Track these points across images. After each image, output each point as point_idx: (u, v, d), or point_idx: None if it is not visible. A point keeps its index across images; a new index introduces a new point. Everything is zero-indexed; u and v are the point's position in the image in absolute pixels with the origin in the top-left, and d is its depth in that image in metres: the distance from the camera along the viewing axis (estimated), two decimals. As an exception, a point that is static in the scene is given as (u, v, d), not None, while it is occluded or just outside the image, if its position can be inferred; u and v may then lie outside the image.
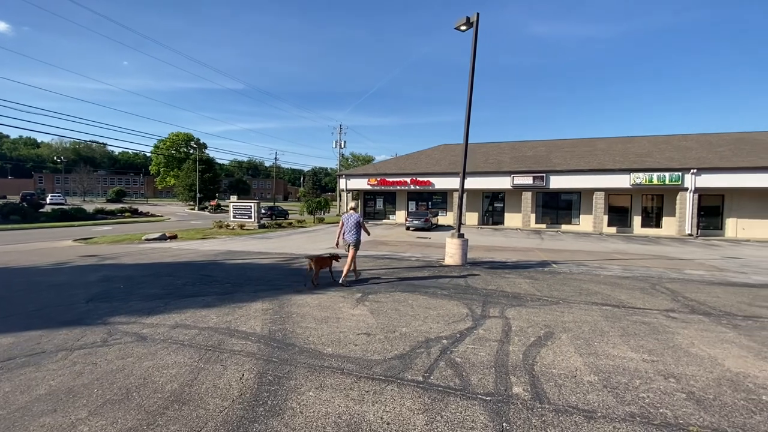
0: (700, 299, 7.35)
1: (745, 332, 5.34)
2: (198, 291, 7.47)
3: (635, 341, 4.86)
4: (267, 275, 9.32)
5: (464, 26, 11.79)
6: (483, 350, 4.46)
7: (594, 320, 5.78)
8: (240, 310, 6.10)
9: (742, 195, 25.82)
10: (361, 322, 5.51)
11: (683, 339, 4.99)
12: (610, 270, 10.96)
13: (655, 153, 29.05)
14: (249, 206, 27.38)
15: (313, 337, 4.86)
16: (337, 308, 6.24)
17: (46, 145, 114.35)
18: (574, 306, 6.65)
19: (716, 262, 13.72)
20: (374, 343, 4.67)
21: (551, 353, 4.42)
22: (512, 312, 6.16)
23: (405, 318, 5.72)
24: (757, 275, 10.67)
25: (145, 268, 10.40)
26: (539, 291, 7.80)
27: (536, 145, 35.27)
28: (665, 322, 5.77)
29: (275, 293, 7.29)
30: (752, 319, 6.01)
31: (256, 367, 3.92)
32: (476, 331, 5.18)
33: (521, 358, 4.25)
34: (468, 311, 6.15)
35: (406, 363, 4.06)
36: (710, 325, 5.63)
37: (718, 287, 8.65)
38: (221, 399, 3.27)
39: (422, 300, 6.85)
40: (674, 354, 4.46)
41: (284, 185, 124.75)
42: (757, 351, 4.61)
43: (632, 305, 6.78)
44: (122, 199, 62.66)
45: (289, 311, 6.04)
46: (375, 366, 3.99)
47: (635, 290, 8.08)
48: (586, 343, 4.78)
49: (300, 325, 5.34)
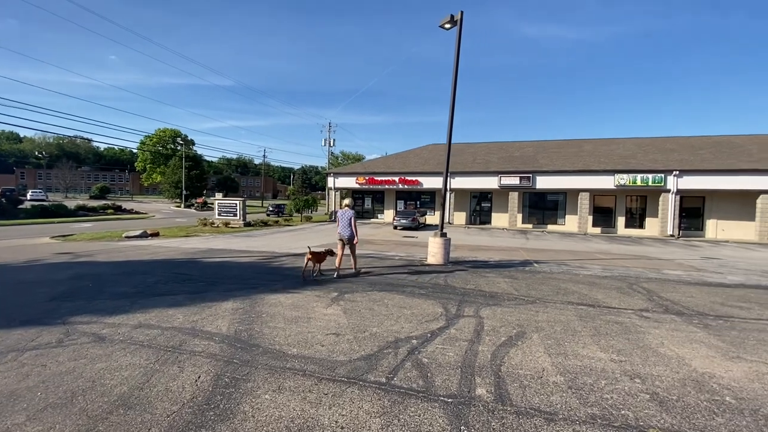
0: (674, 299, 7.39)
1: (715, 332, 5.36)
2: (169, 290, 7.27)
3: (606, 341, 4.84)
4: (244, 274, 9.14)
5: (448, 24, 11.74)
6: (452, 350, 4.38)
7: (567, 320, 5.75)
8: (209, 309, 5.93)
9: (721, 197, 26.32)
10: (332, 322, 5.39)
11: (653, 339, 4.98)
12: (591, 270, 11.02)
13: (639, 155, 29.46)
14: (234, 204, 27.05)
15: (279, 337, 4.73)
16: (310, 308, 6.11)
17: (29, 140, 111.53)
18: (549, 305, 6.62)
19: (695, 262, 13.91)
20: (342, 343, 4.56)
21: (520, 353, 4.36)
22: (487, 311, 6.11)
23: (378, 318, 5.62)
24: (732, 275, 10.82)
25: (120, 266, 10.13)
26: (517, 290, 7.78)
27: (524, 146, 35.51)
28: (638, 321, 5.77)
29: (249, 292, 7.13)
30: (723, 319, 6.04)
31: (215, 369, 3.78)
32: (448, 330, 5.10)
33: (489, 359, 4.18)
34: (443, 310, 6.08)
35: (372, 364, 3.96)
36: (681, 325, 5.64)
37: (693, 287, 8.73)
38: (171, 403, 3.12)
39: (398, 299, 6.76)
40: (643, 354, 4.43)
41: (273, 183, 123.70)
42: (725, 351, 4.61)
43: (607, 305, 6.78)
44: (106, 196, 61.38)
45: (260, 311, 5.89)
46: (339, 367, 3.88)
47: (612, 290, 8.11)
48: (557, 343, 4.74)
49: (268, 325, 5.20)
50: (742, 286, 9.19)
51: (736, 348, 4.73)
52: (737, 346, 4.81)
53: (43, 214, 31.23)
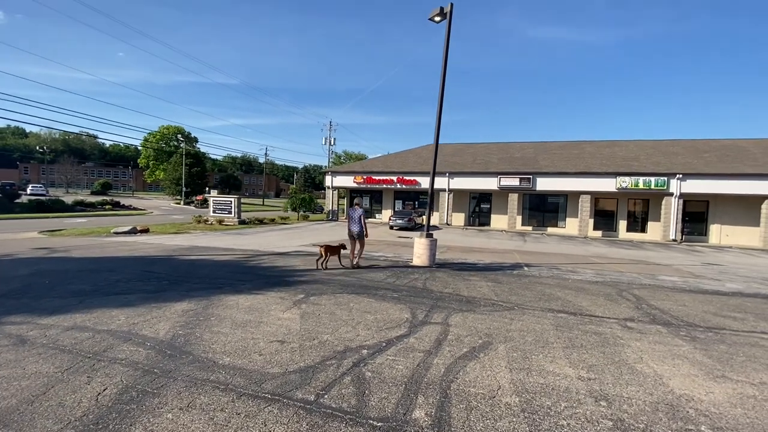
0: (664, 308, 6.91)
1: (702, 346, 4.89)
2: (129, 288, 6.90)
3: (578, 355, 4.38)
4: (215, 273, 8.76)
5: (438, 17, 11.31)
6: (403, 363, 3.95)
7: (542, 329, 5.30)
8: (158, 310, 5.54)
9: (726, 201, 25.64)
10: (284, 327, 4.98)
11: (632, 353, 4.52)
12: (582, 274, 10.53)
13: (642, 157, 28.81)
14: (229, 201, 26.79)
15: (218, 344, 4.33)
16: (266, 311, 5.70)
17: (34, 135, 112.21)
18: (527, 312, 6.17)
19: (694, 268, 13.36)
20: (284, 352, 4.14)
21: (478, 367, 3.92)
22: (457, 318, 5.67)
23: (335, 323, 5.20)
24: (732, 283, 10.29)
25: (91, 262, 9.80)
26: (497, 295, 7.32)
27: (525, 147, 34.93)
28: (619, 332, 5.31)
29: (210, 292, 6.74)
30: (713, 331, 5.56)
31: (127, 380, 3.38)
32: (407, 339, 4.67)
33: (442, 373, 3.75)
34: (409, 316, 5.65)
35: (306, 378, 3.54)
36: (666, 337, 5.17)
37: (687, 295, 8.23)
38: (54, 421, 2.72)
39: (366, 303, 6.33)
40: (616, 371, 3.98)
41: (277, 182, 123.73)
42: (709, 369, 4.14)
43: (590, 313, 6.32)
44: (108, 192, 61.48)
45: (212, 313, 5.50)
46: (268, 381, 3.46)
47: (600, 296, 7.63)
48: (523, 356, 4.29)
49: (213, 329, 4.80)
50: (739, 294, 8.67)
51: (723, 365, 4.26)
52: (724, 362, 4.34)
53: (39, 208, 31.12)
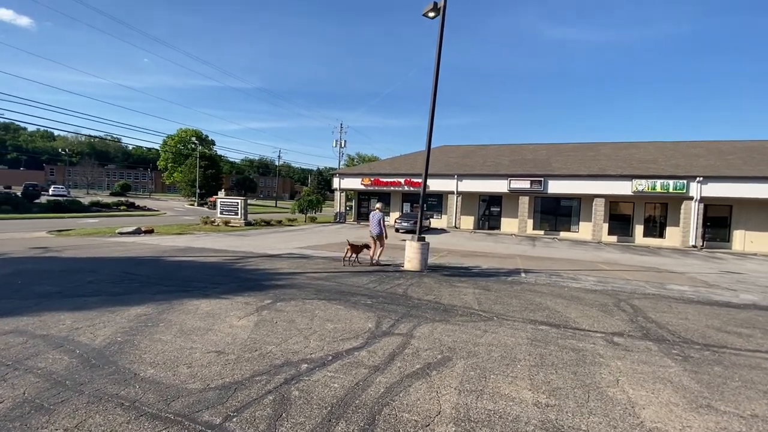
0: (663, 321, 6.30)
1: (693, 367, 4.33)
2: (96, 290, 6.73)
3: (545, 375, 3.91)
4: (195, 275, 8.55)
5: (432, 12, 10.91)
6: (341, 380, 3.57)
7: (515, 343, 4.82)
8: (111, 314, 5.31)
9: (750, 206, 24.23)
10: (231, 336, 4.66)
11: (609, 374, 4.01)
12: (583, 282, 9.90)
13: (661, 160, 27.58)
14: (236, 203, 26.89)
15: (151, 353, 4.03)
16: (223, 317, 5.40)
17: (61, 138, 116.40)
18: (506, 324, 5.69)
19: (710, 276, 12.50)
20: (215, 365, 3.81)
21: (424, 388, 3.50)
22: (425, 329, 5.24)
23: (288, 333, 4.85)
24: (747, 293, 9.49)
25: (78, 262, 9.76)
26: (480, 304, 6.85)
27: (537, 149, 34.00)
28: (602, 349, 4.78)
29: (177, 295, 6.50)
30: (711, 350, 4.97)
31: (30, 393, 3.11)
32: (358, 353, 4.28)
33: (381, 394, 3.34)
34: (373, 326, 5.25)
35: (224, 396, 3.20)
36: (654, 356, 4.61)
37: (693, 306, 7.55)
38: None
39: (334, 311, 5.97)
40: (583, 396, 3.49)
41: (291, 184, 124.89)
42: (695, 396, 3.61)
43: (576, 326, 5.78)
44: (126, 193, 63.07)
45: (165, 318, 5.23)
46: (181, 398, 3.13)
47: (594, 307, 7.06)
48: (481, 375, 3.84)
49: (155, 336, 4.52)
50: (753, 306, 7.93)
51: (712, 392, 3.71)
52: (714, 388, 3.79)
53: (56, 209, 31.96)
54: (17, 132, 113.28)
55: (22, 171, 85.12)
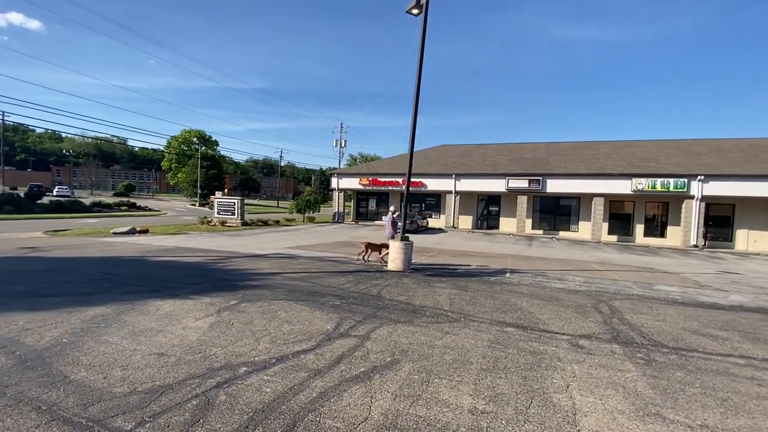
0: (638, 323, 6.11)
1: (654, 372, 4.16)
2: (65, 290, 6.69)
3: (492, 380, 3.76)
4: (172, 275, 8.50)
5: (416, 10, 10.76)
6: (276, 384, 3.46)
7: (473, 346, 4.68)
8: (67, 315, 5.25)
9: (754, 205, 23.74)
10: (180, 337, 4.57)
11: (561, 379, 3.85)
12: (569, 282, 9.71)
13: (662, 158, 27.15)
14: (232, 203, 26.96)
15: (91, 355, 3.96)
16: (180, 318, 5.32)
17: (69, 139, 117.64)
18: (471, 325, 5.54)
19: (705, 277, 12.22)
20: (151, 368, 3.72)
21: (360, 392, 3.38)
22: (384, 331, 5.11)
23: (240, 335, 4.75)
24: (738, 294, 9.23)
25: (59, 262, 9.76)
26: (451, 305, 6.70)
27: (536, 148, 33.67)
28: (563, 352, 4.62)
29: (143, 296, 6.43)
30: (680, 353, 4.78)
31: (-54, 397, 3.04)
32: (306, 355, 4.17)
33: (312, 399, 3.22)
34: (331, 328, 5.14)
35: (147, 400, 3.10)
36: (616, 360, 4.45)
37: (675, 308, 7.34)
38: None
39: (297, 312, 5.86)
40: (525, 402, 3.35)
41: (295, 184, 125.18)
42: (645, 403, 3.44)
43: (545, 327, 5.62)
44: (130, 194, 63.59)
45: (121, 319, 5.16)
46: (100, 403, 3.04)
47: (570, 308, 6.88)
48: (425, 379, 3.71)
49: (101, 338, 4.44)
50: (739, 308, 7.69)
51: (665, 399, 3.54)
52: (669, 395, 3.62)
53: (58, 209, 32.28)
54: (26, 134, 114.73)
55: (28, 172, 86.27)
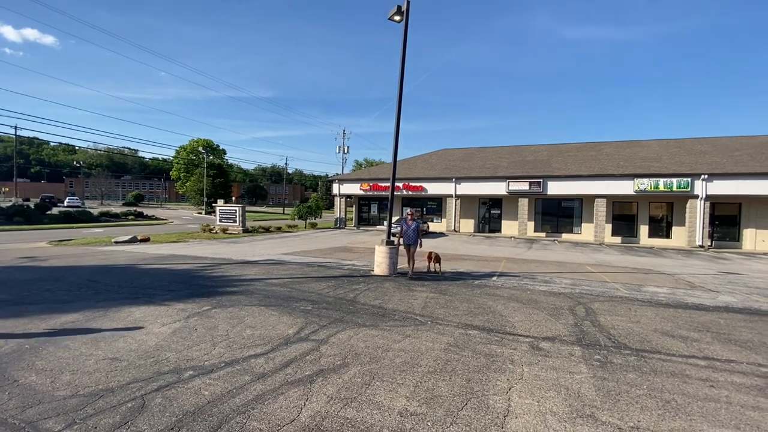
0: (609, 324, 6.04)
1: (605, 374, 4.11)
2: (46, 298, 6.86)
3: (434, 382, 3.77)
4: (156, 282, 8.66)
5: (397, 17, 10.91)
6: (215, 388, 3.52)
7: (429, 348, 4.68)
8: (38, 321, 5.40)
9: (761, 203, 23.21)
10: (140, 342, 4.67)
11: (505, 382, 3.84)
12: (555, 284, 9.62)
13: (665, 157, 26.74)
14: (234, 210, 27.25)
15: (45, 361, 4.07)
16: (147, 324, 5.43)
17: (82, 151, 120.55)
18: (436, 329, 5.54)
19: (701, 277, 11.98)
20: (100, 372, 3.81)
21: (296, 396, 3.41)
22: (345, 335, 5.15)
23: (200, 340, 4.83)
24: (729, 295, 9.04)
25: (51, 271, 10.00)
26: (424, 309, 6.70)
27: (538, 149, 33.45)
28: (519, 355, 4.59)
29: (118, 303, 6.57)
30: (641, 355, 4.71)
31: None
32: (256, 360, 4.22)
33: (246, 402, 3.27)
34: (293, 332, 5.19)
35: (84, 403, 3.18)
36: (570, 362, 4.41)
37: (654, 309, 7.22)
38: None
39: (264, 317, 5.93)
40: (459, 404, 3.34)
41: (301, 191, 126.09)
42: (583, 405, 3.41)
43: (511, 330, 5.59)
44: (139, 203, 64.80)
45: (88, 326, 5.29)
46: (39, 405, 3.13)
47: (544, 311, 6.82)
48: (367, 382, 3.73)
49: (62, 344, 4.56)
50: (724, 309, 7.53)
51: (605, 400, 3.50)
52: (611, 397, 3.58)
53: (66, 219, 32.99)
54: (40, 147, 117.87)
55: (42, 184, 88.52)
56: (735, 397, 3.67)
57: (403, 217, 10.57)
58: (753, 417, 3.30)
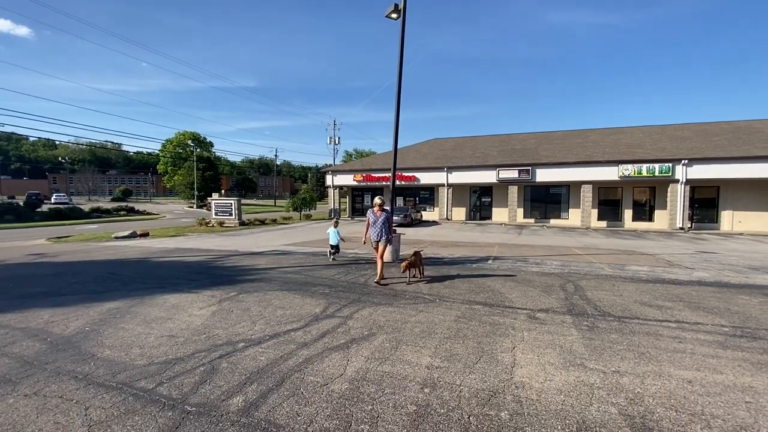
0: (595, 298, 6.83)
1: (592, 335, 4.87)
2: (78, 290, 7.35)
3: (451, 345, 4.47)
4: (174, 273, 9.18)
5: (395, 14, 11.36)
6: (268, 354, 4.16)
7: (441, 320, 5.39)
8: (85, 309, 5.94)
9: (738, 186, 24.49)
10: (186, 323, 5.27)
11: (509, 343, 4.56)
12: (546, 266, 10.42)
13: (648, 144, 27.83)
14: (229, 204, 27.52)
15: (111, 338, 4.65)
16: (186, 308, 6.02)
17: (63, 146, 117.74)
18: (444, 305, 6.25)
19: (679, 257, 12.94)
20: (164, 346, 4.42)
21: (339, 357, 4.07)
22: (366, 311, 5.82)
23: (238, 319, 5.45)
24: (703, 271, 9.95)
25: (67, 266, 10.41)
26: (431, 290, 7.40)
27: (526, 138, 34.31)
28: (519, 323, 5.33)
29: (150, 291, 7.12)
30: (622, 321, 5.50)
31: (4, 370, 3.73)
32: (295, 333, 4.87)
33: (298, 364, 3.92)
34: (319, 311, 5.84)
35: (163, 369, 3.80)
36: (563, 327, 5.16)
37: (635, 284, 8.06)
38: None
39: (290, 300, 6.56)
40: (473, 360, 4.06)
41: (291, 183, 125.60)
42: (574, 357, 4.15)
43: (510, 304, 6.34)
44: (128, 198, 64.18)
45: (134, 311, 5.86)
46: (125, 372, 3.73)
47: (538, 288, 7.59)
48: (394, 346, 4.42)
49: (118, 326, 5.13)
50: (697, 283, 8.41)
51: (592, 354, 4.25)
52: (597, 351, 4.33)
53: (57, 216, 32.85)
54: (19, 142, 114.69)
55: (25, 180, 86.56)
56: (698, 349, 4.45)
57: (371, 207, 8.50)
58: (711, 363, 4.08)
